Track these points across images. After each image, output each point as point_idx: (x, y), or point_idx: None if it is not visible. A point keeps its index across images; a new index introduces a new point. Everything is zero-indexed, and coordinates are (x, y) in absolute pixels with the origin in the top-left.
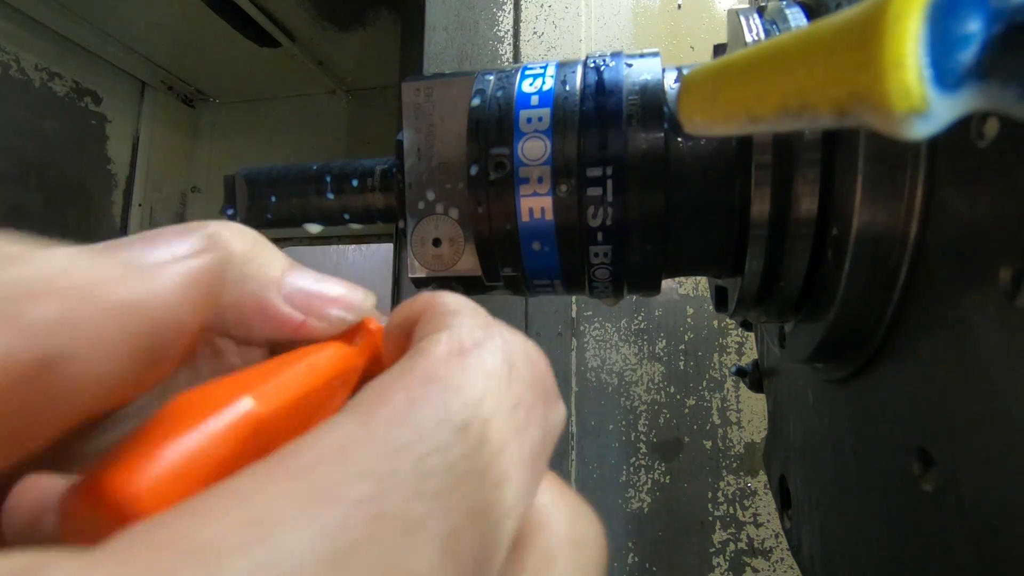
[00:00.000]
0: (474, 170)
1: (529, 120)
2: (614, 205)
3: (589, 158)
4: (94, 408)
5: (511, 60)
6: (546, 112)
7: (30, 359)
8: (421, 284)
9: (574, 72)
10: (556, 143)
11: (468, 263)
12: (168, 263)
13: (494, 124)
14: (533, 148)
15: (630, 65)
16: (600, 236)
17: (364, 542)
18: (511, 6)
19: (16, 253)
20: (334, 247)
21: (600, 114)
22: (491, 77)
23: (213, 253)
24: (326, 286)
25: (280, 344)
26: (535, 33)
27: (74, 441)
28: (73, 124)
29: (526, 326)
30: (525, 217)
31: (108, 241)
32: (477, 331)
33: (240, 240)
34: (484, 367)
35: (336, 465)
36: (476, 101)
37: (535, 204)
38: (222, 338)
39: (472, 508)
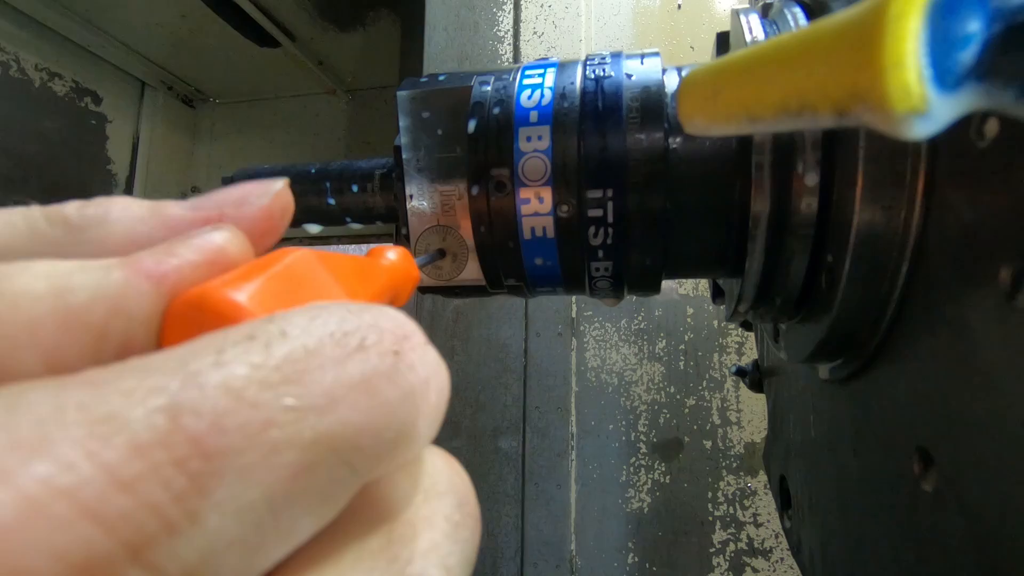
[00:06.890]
0: (475, 190)
1: (528, 139)
2: (615, 226)
3: (589, 180)
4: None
5: (511, 60)
6: (545, 131)
7: None
8: (426, 292)
9: (573, 84)
10: (556, 163)
11: (472, 272)
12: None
13: (493, 143)
14: (533, 169)
15: (630, 76)
16: (601, 254)
17: None
18: (511, 6)
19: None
20: (334, 247)
21: (600, 133)
22: (488, 88)
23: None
24: (224, 190)
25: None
26: (535, 33)
27: None
28: (73, 124)
29: (526, 326)
30: (527, 235)
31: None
32: None
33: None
34: None
35: None
36: (473, 123)
37: (536, 224)
38: None
39: None
